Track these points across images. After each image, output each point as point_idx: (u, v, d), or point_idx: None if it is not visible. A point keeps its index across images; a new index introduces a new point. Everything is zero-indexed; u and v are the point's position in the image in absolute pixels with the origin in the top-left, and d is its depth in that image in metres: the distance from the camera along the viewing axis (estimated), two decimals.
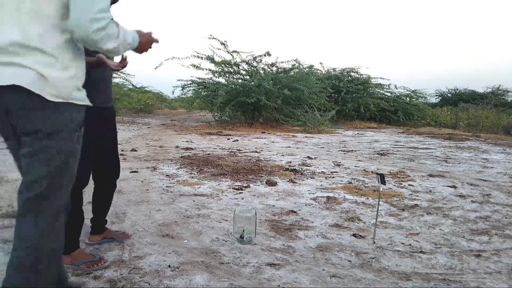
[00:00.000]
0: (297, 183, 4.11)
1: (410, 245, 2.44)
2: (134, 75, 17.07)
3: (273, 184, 3.96)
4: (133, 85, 17.75)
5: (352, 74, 16.16)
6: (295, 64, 12.79)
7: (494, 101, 17.93)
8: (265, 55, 12.05)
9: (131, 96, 15.33)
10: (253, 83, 11.35)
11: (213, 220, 2.81)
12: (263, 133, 10.29)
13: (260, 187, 3.88)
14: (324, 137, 9.59)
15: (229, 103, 11.50)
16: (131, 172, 4.44)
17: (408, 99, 16.62)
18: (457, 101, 21.14)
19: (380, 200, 2.97)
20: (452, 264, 2.18)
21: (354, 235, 2.59)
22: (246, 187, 3.84)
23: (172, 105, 25.35)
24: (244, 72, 12.59)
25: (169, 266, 2.02)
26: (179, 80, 12.86)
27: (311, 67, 13.93)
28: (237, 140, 8.21)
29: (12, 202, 3.07)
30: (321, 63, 20.79)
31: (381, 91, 16.58)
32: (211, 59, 12.00)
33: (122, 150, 6.04)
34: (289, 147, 7.43)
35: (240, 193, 3.63)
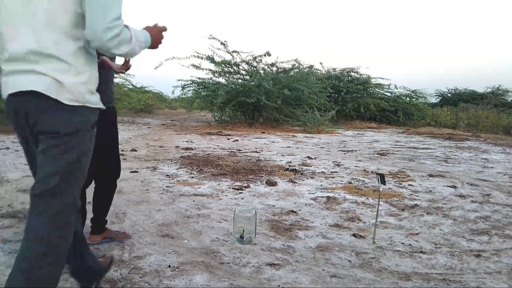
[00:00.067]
0: (297, 183, 4.11)
1: (410, 245, 2.44)
2: (134, 75, 17.06)
3: (273, 184, 3.96)
4: (133, 85, 17.77)
5: (352, 74, 16.17)
6: (295, 64, 12.80)
7: (494, 101, 17.91)
8: (265, 55, 12.06)
9: (131, 96, 15.33)
10: (253, 83, 11.35)
11: (213, 220, 2.81)
12: (263, 133, 10.30)
13: (260, 187, 3.88)
14: (324, 137, 9.59)
15: (229, 103, 11.50)
16: (131, 172, 4.44)
17: (408, 99, 16.62)
18: (457, 101, 21.12)
19: (380, 200, 2.97)
20: (452, 264, 2.18)
21: (354, 235, 2.59)
22: (246, 187, 3.84)
23: (172, 105, 25.36)
24: (244, 72, 12.60)
25: (169, 266, 2.02)
26: (179, 80, 12.87)
27: (311, 67, 13.94)
28: (237, 140, 8.21)
29: (12, 202, 3.07)
30: (321, 63, 20.80)
31: (381, 91, 16.58)
32: (211, 59, 12.00)
33: (122, 150, 6.04)
34: (289, 147, 7.43)
35: (240, 193, 3.63)
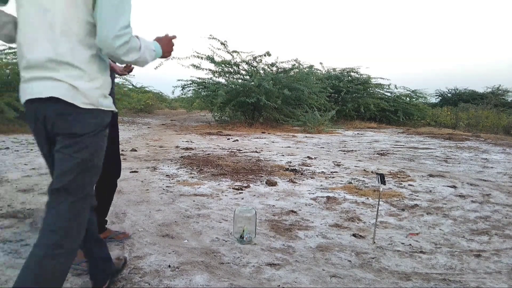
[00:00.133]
0: (297, 183, 4.11)
1: (410, 245, 2.44)
2: (134, 75, 17.13)
3: (273, 184, 3.96)
4: (133, 85, 17.78)
5: (352, 74, 16.17)
6: (295, 64, 12.79)
7: (494, 101, 17.90)
8: (265, 55, 12.06)
9: (131, 96, 15.33)
10: (253, 83, 11.35)
11: (213, 220, 2.81)
12: (263, 133, 10.30)
13: (260, 187, 3.88)
14: (324, 137, 9.59)
15: (229, 103, 11.50)
16: (131, 172, 4.44)
17: (408, 99, 16.62)
18: (457, 101, 21.13)
19: (380, 200, 2.97)
20: (452, 264, 2.18)
21: (354, 235, 2.59)
22: (246, 187, 3.84)
23: (172, 105, 25.36)
24: (244, 72, 12.60)
25: (169, 266, 2.02)
26: (179, 80, 12.87)
27: (311, 67, 13.94)
28: (237, 140, 8.21)
29: (12, 202, 3.07)
30: (321, 63, 20.82)
31: (381, 91, 16.58)
32: (211, 59, 12.00)
33: (122, 150, 6.04)
34: (289, 147, 7.43)
35: (240, 193, 3.63)
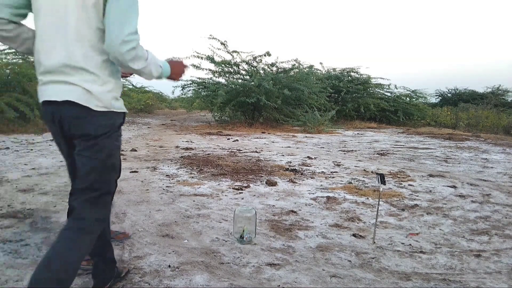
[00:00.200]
0: (297, 183, 4.11)
1: (410, 245, 2.44)
2: (134, 75, 17.04)
3: (273, 184, 3.96)
4: (133, 85, 17.77)
5: (352, 74, 16.16)
6: (295, 64, 12.78)
7: (494, 101, 17.90)
8: (265, 55, 12.04)
9: (131, 96, 15.33)
10: (253, 83, 11.34)
11: (213, 220, 2.81)
12: (263, 133, 10.29)
13: (260, 187, 3.88)
14: (324, 137, 9.59)
15: (229, 103, 11.50)
16: (131, 172, 4.44)
17: (408, 99, 16.61)
18: (457, 101, 21.12)
19: (380, 200, 2.97)
20: (452, 264, 2.18)
21: (354, 235, 2.59)
22: (246, 187, 3.84)
23: (172, 105, 25.35)
24: (244, 72, 12.59)
25: (169, 266, 2.02)
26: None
27: (311, 67, 13.92)
28: (237, 140, 8.21)
29: (12, 202, 3.07)
30: (321, 63, 20.80)
31: (381, 91, 16.57)
32: (211, 59, 12.00)
33: (122, 150, 6.04)
34: (289, 147, 7.43)
35: (240, 193, 3.63)
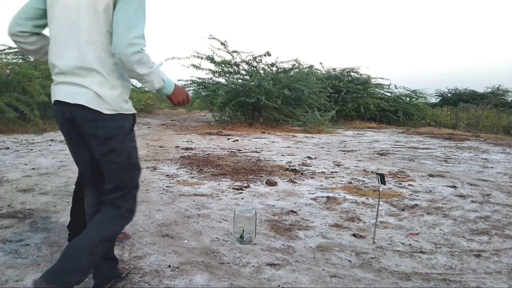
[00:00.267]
0: (297, 183, 4.11)
1: (410, 245, 2.44)
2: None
3: (273, 184, 3.96)
4: (133, 85, 17.68)
5: (352, 74, 16.13)
6: (295, 64, 12.77)
7: (494, 101, 17.88)
8: (265, 55, 12.03)
9: (131, 96, 15.23)
10: (253, 83, 11.34)
11: (213, 220, 2.81)
12: (263, 133, 10.29)
13: (260, 187, 3.88)
14: (324, 137, 9.59)
15: (229, 103, 11.49)
16: None
17: (408, 99, 16.59)
18: (457, 101, 21.10)
19: (380, 200, 2.97)
20: (452, 264, 2.18)
21: (354, 235, 2.59)
22: (246, 187, 3.84)
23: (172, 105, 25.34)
24: (244, 72, 12.58)
25: (169, 266, 2.02)
26: (179, 80, 12.81)
27: (311, 67, 13.91)
28: (237, 140, 8.21)
29: (12, 202, 3.07)
30: (321, 63, 20.76)
31: (381, 91, 16.55)
32: (211, 59, 11.99)
33: None
34: (289, 147, 7.43)
35: (240, 193, 3.63)
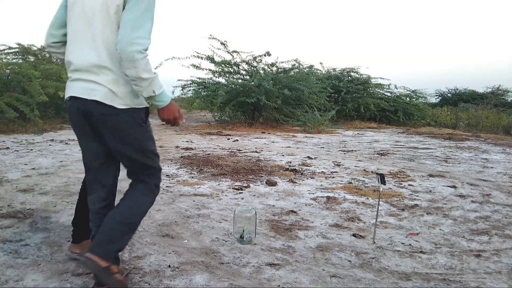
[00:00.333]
0: (297, 183, 4.11)
1: (410, 245, 2.44)
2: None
3: (273, 184, 3.96)
4: None
5: (352, 74, 16.13)
6: (295, 64, 12.77)
7: (494, 101, 17.88)
8: (265, 55, 12.03)
9: None
10: (253, 83, 11.34)
11: (213, 220, 2.81)
12: (263, 133, 10.29)
13: (260, 187, 3.88)
14: (324, 137, 9.59)
15: (229, 103, 11.49)
16: None
17: (408, 99, 16.58)
18: (457, 101, 21.11)
19: (380, 200, 2.97)
20: (452, 264, 2.18)
21: (354, 235, 2.59)
22: (246, 187, 3.85)
23: None
24: (244, 72, 12.57)
25: (169, 266, 2.02)
26: (179, 80, 12.83)
27: (311, 67, 13.91)
28: (237, 140, 8.21)
29: (12, 202, 3.07)
30: (321, 63, 20.75)
31: (381, 91, 16.54)
32: (211, 59, 11.99)
33: None
34: (289, 147, 7.43)
35: (240, 193, 3.63)
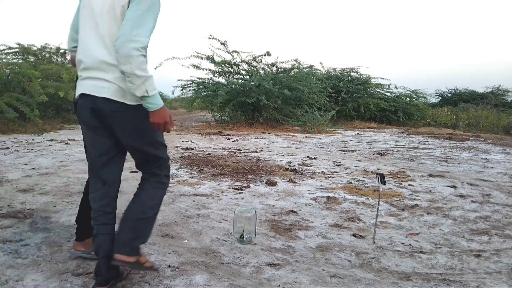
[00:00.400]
0: (297, 183, 4.11)
1: (410, 245, 2.44)
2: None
3: (273, 184, 3.96)
4: None
5: (352, 74, 16.14)
6: (295, 64, 12.78)
7: (494, 101, 17.90)
8: (265, 55, 12.04)
9: None
10: (253, 83, 11.34)
11: (213, 220, 2.81)
12: (263, 133, 10.29)
13: (260, 187, 3.88)
14: (324, 137, 9.59)
15: (229, 103, 11.49)
16: (131, 172, 4.44)
17: (408, 99, 16.59)
18: (457, 101, 21.12)
19: (380, 200, 2.97)
20: (452, 264, 2.18)
21: (354, 235, 2.59)
22: (246, 187, 3.84)
23: (172, 105, 25.34)
24: (244, 72, 12.58)
25: (169, 266, 2.02)
26: (179, 80, 12.85)
27: (311, 67, 13.92)
28: (237, 140, 8.21)
29: (12, 202, 3.06)
30: (321, 63, 20.79)
31: (381, 91, 16.55)
32: (211, 59, 11.99)
33: None
34: (289, 147, 7.43)
35: (240, 193, 3.63)
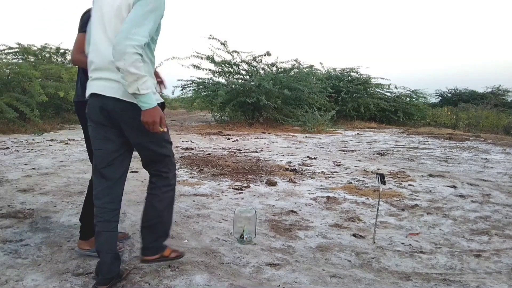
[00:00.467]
0: (297, 183, 4.11)
1: (410, 245, 2.44)
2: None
3: (273, 184, 3.96)
4: None
5: (352, 74, 16.13)
6: (295, 64, 12.78)
7: (494, 101, 17.89)
8: (265, 55, 12.04)
9: None
10: (253, 83, 11.34)
11: (213, 220, 2.81)
12: (263, 133, 10.29)
13: (260, 187, 3.88)
14: (324, 137, 9.59)
15: (229, 103, 11.49)
16: (131, 172, 4.44)
17: (408, 99, 16.57)
18: (457, 101, 21.10)
19: (380, 200, 2.97)
20: (452, 264, 2.18)
21: (354, 235, 2.59)
22: (246, 187, 3.85)
23: (172, 105, 25.34)
24: (244, 72, 12.58)
25: (169, 266, 2.02)
26: (179, 80, 12.83)
27: (311, 67, 13.93)
28: (237, 140, 8.21)
29: (12, 202, 3.07)
30: (321, 63, 20.76)
31: (381, 91, 16.53)
32: (211, 59, 11.98)
33: None
34: (289, 147, 7.43)
35: (240, 193, 3.63)
